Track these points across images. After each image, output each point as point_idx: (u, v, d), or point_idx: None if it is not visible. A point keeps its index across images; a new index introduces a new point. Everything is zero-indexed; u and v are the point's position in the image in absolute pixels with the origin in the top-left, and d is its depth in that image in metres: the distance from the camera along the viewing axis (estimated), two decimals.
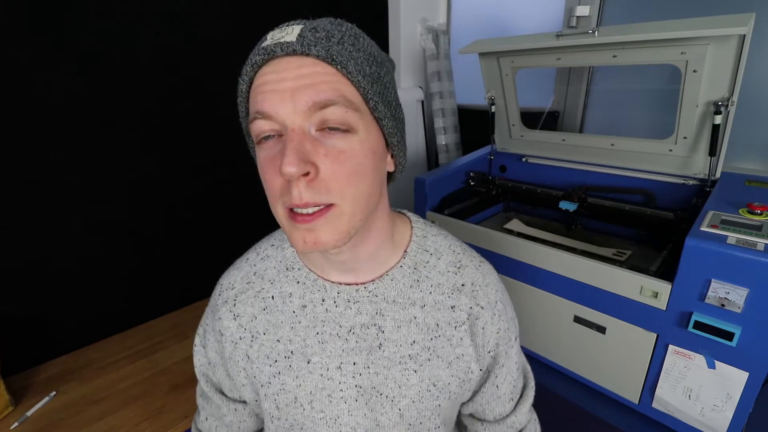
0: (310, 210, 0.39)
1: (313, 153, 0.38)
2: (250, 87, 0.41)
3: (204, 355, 0.57)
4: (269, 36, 0.40)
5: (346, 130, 0.39)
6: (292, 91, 0.37)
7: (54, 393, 1.23)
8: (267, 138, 0.40)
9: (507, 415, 0.58)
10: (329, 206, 0.39)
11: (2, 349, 1.40)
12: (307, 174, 0.37)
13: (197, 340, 0.58)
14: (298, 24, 0.40)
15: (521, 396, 0.60)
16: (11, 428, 1.10)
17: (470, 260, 0.54)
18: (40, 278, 1.49)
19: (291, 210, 0.39)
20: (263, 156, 0.40)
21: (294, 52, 0.37)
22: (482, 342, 0.52)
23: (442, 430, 0.52)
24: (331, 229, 0.40)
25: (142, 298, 1.74)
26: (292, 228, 0.40)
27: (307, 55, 0.37)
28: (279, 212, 0.41)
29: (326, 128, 0.38)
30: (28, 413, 1.15)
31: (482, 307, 0.52)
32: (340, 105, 0.38)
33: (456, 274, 0.52)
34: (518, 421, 0.59)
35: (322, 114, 0.38)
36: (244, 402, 0.57)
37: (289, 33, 0.38)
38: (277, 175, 0.38)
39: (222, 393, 0.58)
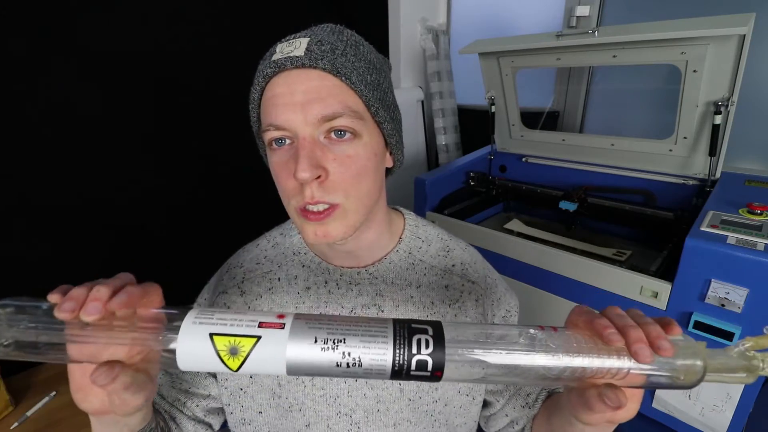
0: (320, 207, 0.43)
1: (323, 158, 0.42)
2: (261, 95, 0.45)
3: None
4: (278, 49, 0.43)
5: (352, 136, 0.43)
6: (302, 105, 0.41)
7: (54, 393, 1.23)
8: (279, 144, 0.44)
9: None
10: (335, 206, 0.43)
11: None
12: (318, 177, 0.41)
13: None
14: (305, 37, 0.43)
15: None
16: (11, 428, 1.10)
17: (457, 244, 0.60)
18: (40, 278, 1.49)
19: (303, 208, 0.43)
20: (276, 160, 0.44)
21: (303, 66, 0.41)
22: (475, 314, 0.56)
23: (440, 406, 0.54)
24: (338, 224, 0.44)
25: None
26: (304, 223, 0.44)
27: (315, 68, 0.41)
28: (292, 209, 0.45)
29: (333, 135, 0.42)
30: (28, 413, 1.15)
31: (473, 282, 0.57)
32: (346, 116, 0.42)
33: (446, 257, 0.57)
34: None
35: (330, 124, 0.42)
36: (205, 397, 0.56)
37: (297, 47, 0.42)
38: (291, 178, 0.42)
39: (186, 391, 0.56)
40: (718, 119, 1.01)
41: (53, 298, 0.32)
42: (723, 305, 0.79)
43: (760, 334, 0.33)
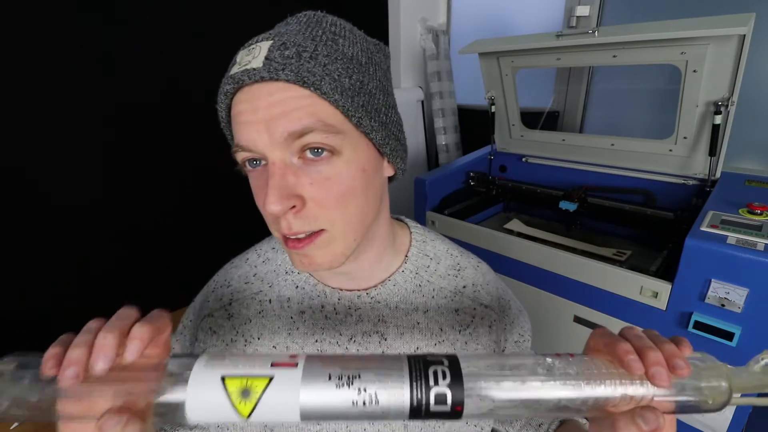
0: (301, 236, 0.38)
1: (298, 184, 0.36)
2: (229, 112, 0.39)
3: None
4: (238, 58, 0.37)
5: (330, 154, 0.37)
6: (266, 122, 0.35)
7: None
8: (253, 165, 0.38)
9: None
10: (319, 232, 0.38)
11: (2, 349, 1.40)
12: (293, 207, 0.36)
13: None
14: (267, 40, 0.36)
15: None
16: (11, 428, 1.10)
17: (468, 261, 0.54)
18: (40, 278, 1.49)
19: (284, 236, 0.39)
20: (253, 184, 0.40)
21: (262, 79, 0.35)
22: (488, 341, 0.51)
23: None
24: (323, 253, 0.39)
25: (142, 298, 1.73)
26: (289, 251, 0.40)
27: (276, 80, 0.35)
28: (276, 235, 0.41)
29: (308, 156, 0.36)
30: None
31: (486, 306, 0.51)
32: (319, 131, 0.35)
33: (456, 276, 0.52)
34: None
35: (300, 142, 0.35)
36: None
37: (256, 56, 0.35)
38: None
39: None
40: (718, 119, 1.01)
41: (49, 369, 0.28)
42: (723, 305, 0.79)
43: (760, 334, 0.32)
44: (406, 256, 0.50)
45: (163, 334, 0.32)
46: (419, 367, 0.30)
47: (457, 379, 0.29)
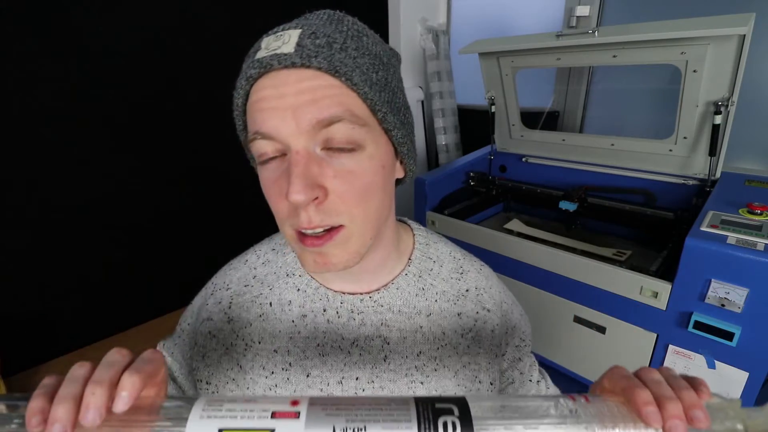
0: (319, 231, 0.37)
1: (321, 175, 0.36)
2: (246, 100, 0.38)
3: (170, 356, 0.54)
4: (264, 44, 0.36)
5: (354, 146, 0.36)
6: (293, 109, 0.34)
7: None
8: (270, 158, 0.37)
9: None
10: (338, 228, 0.38)
11: (2, 349, 1.40)
12: (315, 198, 0.35)
13: (167, 343, 0.55)
14: (296, 28, 0.36)
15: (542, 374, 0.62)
16: None
17: (471, 265, 0.54)
18: (40, 279, 1.49)
19: (299, 231, 0.38)
20: (266, 176, 0.38)
21: (293, 65, 0.34)
22: (490, 345, 0.51)
23: None
24: (340, 251, 0.39)
25: (142, 298, 1.74)
26: (301, 250, 0.39)
27: (308, 67, 0.34)
28: (287, 233, 0.39)
29: (332, 146, 0.36)
30: None
31: (489, 310, 0.51)
32: (346, 121, 0.35)
33: (459, 280, 0.52)
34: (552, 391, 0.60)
35: (327, 132, 0.35)
36: None
37: (286, 42, 0.35)
38: (283, 199, 0.36)
39: None
40: (718, 119, 1.01)
41: (34, 426, 0.26)
42: (723, 305, 0.79)
43: (760, 334, 0.32)
44: (410, 258, 0.50)
45: (156, 377, 0.31)
46: (428, 417, 0.29)
47: (467, 428, 0.29)
